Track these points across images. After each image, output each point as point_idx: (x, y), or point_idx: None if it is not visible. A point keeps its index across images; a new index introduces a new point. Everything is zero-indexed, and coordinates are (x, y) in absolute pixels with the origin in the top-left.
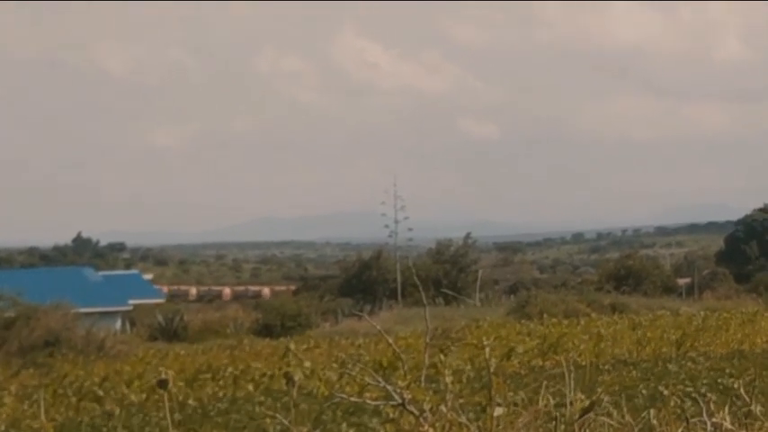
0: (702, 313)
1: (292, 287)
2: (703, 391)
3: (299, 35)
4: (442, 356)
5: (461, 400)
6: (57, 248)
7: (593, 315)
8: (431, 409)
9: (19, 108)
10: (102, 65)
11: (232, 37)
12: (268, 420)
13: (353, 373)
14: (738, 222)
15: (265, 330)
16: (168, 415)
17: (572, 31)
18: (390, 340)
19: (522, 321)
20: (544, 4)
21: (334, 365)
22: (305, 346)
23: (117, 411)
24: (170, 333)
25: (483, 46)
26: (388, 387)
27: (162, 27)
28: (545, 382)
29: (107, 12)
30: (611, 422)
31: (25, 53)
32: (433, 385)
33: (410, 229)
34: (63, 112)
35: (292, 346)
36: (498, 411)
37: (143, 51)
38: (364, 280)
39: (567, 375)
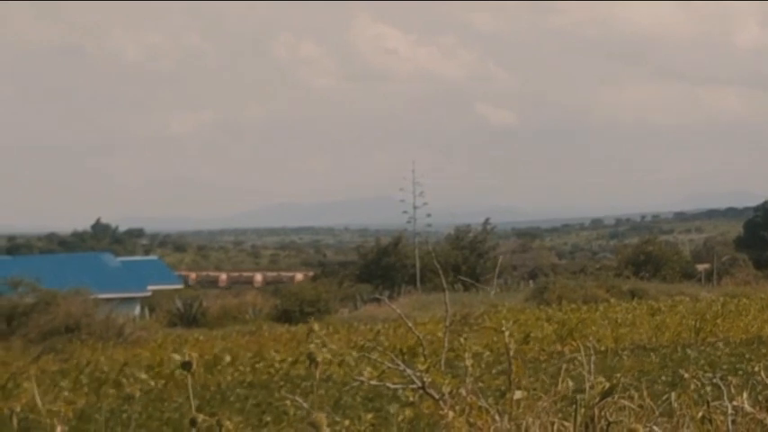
0: (721, 299)
1: (310, 273)
2: (724, 375)
3: (317, 21)
4: (461, 340)
5: (481, 384)
6: (76, 234)
7: (612, 301)
8: (450, 393)
9: (37, 95)
10: (119, 52)
11: (249, 23)
12: (288, 403)
13: (374, 358)
14: (757, 208)
15: (284, 316)
16: (191, 395)
17: (589, 18)
18: (410, 324)
19: (541, 307)
20: None
21: (353, 351)
22: (324, 332)
23: (137, 395)
24: (189, 319)
25: (500, 32)
26: (408, 371)
27: (178, 14)
28: (564, 366)
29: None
30: (632, 405)
31: (43, 41)
32: (452, 370)
33: (429, 215)
34: (81, 100)
35: (316, 327)
36: (518, 395)
37: (160, 38)
38: (383, 266)
39: (585, 359)
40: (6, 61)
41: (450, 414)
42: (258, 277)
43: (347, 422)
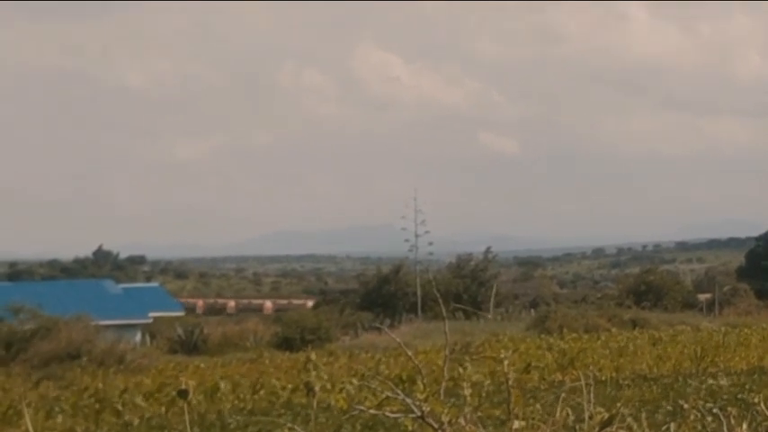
0: (723, 329)
1: (310, 302)
2: (724, 405)
3: (320, 49)
4: (461, 369)
5: (480, 413)
6: (77, 261)
7: (614, 330)
8: (449, 422)
9: (39, 120)
10: (123, 78)
11: (253, 51)
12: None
13: (373, 386)
14: (759, 238)
15: (285, 344)
16: (188, 427)
17: (593, 47)
18: (410, 353)
19: (542, 336)
20: (564, 19)
21: (354, 379)
22: (324, 360)
23: (135, 422)
24: (190, 346)
25: (504, 61)
26: (408, 400)
27: (182, 40)
28: (563, 395)
29: (128, 25)
30: None
31: (46, 66)
32: (452, 399)
33: (430, 243)
34: (84, 125)
35: (313, 356)
36: (517, 425)
37: (164, 64)
38: (384, 294)
39: (585, 389)
40: (8, 84)
41: None
42: (268, 304)
43: None
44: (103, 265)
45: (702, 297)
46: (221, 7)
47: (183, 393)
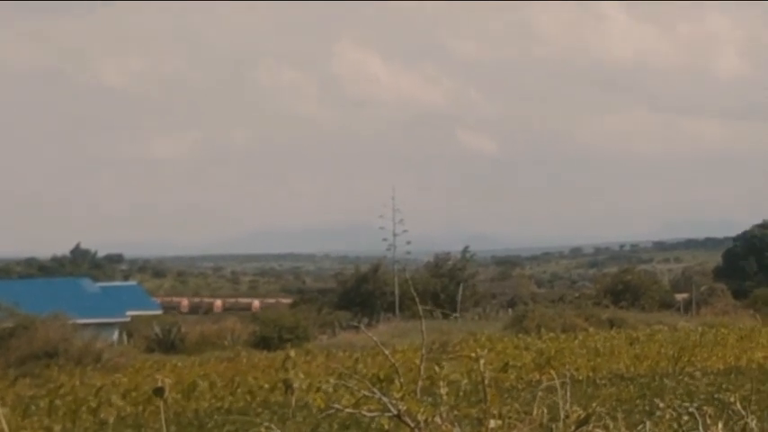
0: (700, 329)
1: (286, 300)
2: (700, 405)
3: (299, 47)
4: (438, 369)
5: (457, 412)
6: (55, 259)
7: (591, 330)
8: (426, 421)
9: (17, 119)
10: (100, 76)
11: (231, 49)
12: (264, 431)
13: (350, 385)
14: (737, 238)
15: (263, 343)
16: (164, 426)
17: (570, 46)
18: (387, 352)
19: (520, 335)
20: (543, 18)
21: (331, 378)
22: (302, 359)
23: (111, 420)
24: (167, 345)
25: (483, 60)
26: (384, 398)
27: (160, 38)
28: (540, 394)
29: (105, 23)
30: None
31: (23, 64)
32: (429, 398)
33: (408, 243)
34: (61, 123)
35: (293, 354)
36: (493, 424)
37: (141, 63)
38: (362, 293)
39: (560, 387)
40: None
41: None
42: (256, 304)
43: None
44: (81, 263)
45: (680, 297)
46: (200, 6)
47: (159, 391)
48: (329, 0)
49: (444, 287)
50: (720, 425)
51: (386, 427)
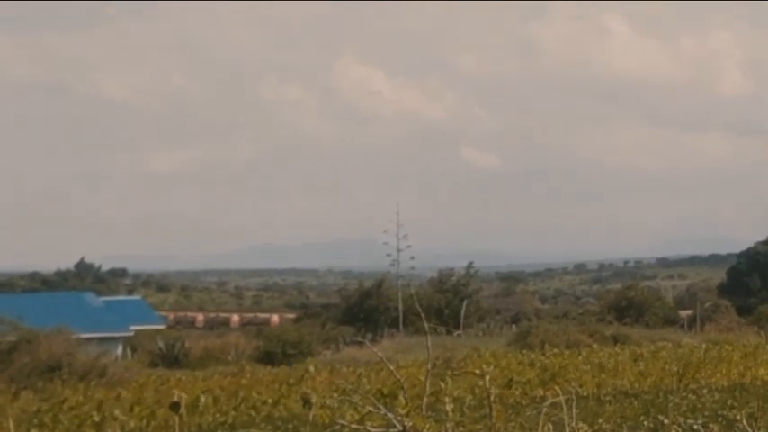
0: (704, 345)
1: (291, 315)
2: (705, 422)
3: (302, 62)
4: (443, 384)
5: (462, 428)
6: (59, 273)
7: (595, 346)
8: None
9: (20, 133)
10: (103, 90)
11: (235, 64)
12: None
13: (355, 401)
14: (741, 255)
15: (266, 358)
16: None
17: (575, 61)
18: (392, 368)
19: (524, 351)
20: (545, 33)
21: (335, 393)
22: (306, 374)
23: None
24: (171, 359)
25: (485, 75)
26: (389, 414)
27: (164, 52)
28: (545, 410)
29: (108, 37)
30: None
31: (26, 78)
32: (434, 414)
33: (412, 258)
34: (65, 137)
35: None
36: None
37: (145, 76)
38: (366, 308)
39: (565, 404)
40: None
41: None
42: (275, 319)
43: None
44: (85, 277)
45: (684, 313)
46: (204, 20)
47: (174, 406)
48: (333, 15)
49: (448, 303)
50: None
51: None
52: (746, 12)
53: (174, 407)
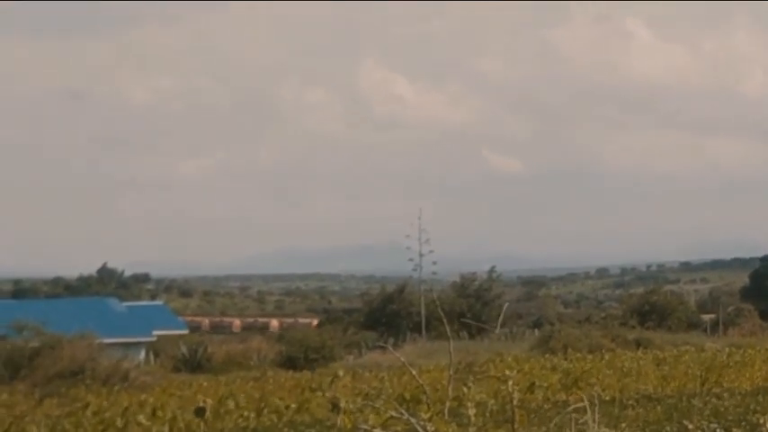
0: (727, 349)
1: (304, 320)
2: (729, 426)
3: (324, 66)
4: (465, 389)
5: None
6: (81, 279)
7: (618, 350)
8: None
9: (42, 138)
10: (125, 94)
11: (256, 68)
12: None
13: (377, 406)
14: (764, 258)
15: (289, 363)
16: None
17: (596, 65)
18: (414, 372)
19: (546, 356)
20: (568, 37)
21: (358, 398)
22: (329, 379)
23: None
24: (194, 364)
25: (508, 79)
26: (412, 419)
27: (185, 57)
28: (571, 416)
29: (130, 42)
30: None
31: (48, 83)
32: (456, 418)
33: (434, 263)
34: (87, 142)
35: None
36: None
37: (167, 81)
38: (388, 313)
39: (589, 409)
40: (11, 103)
41: None
42: (274, 323)
43: None
44: (108, 282)
45: (706, 317)
46: (224, 24)
47: (200, 411)
48: (354, 19)
49: (470, 307)
50: None
51: None
52: None
53: (200, 412)
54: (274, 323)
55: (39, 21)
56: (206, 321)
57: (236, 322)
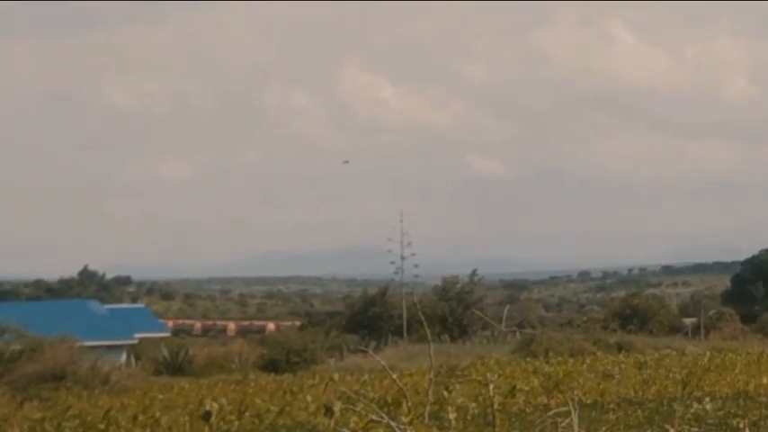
0: (708, 353)
1: (297, 323)
2: (709, 430)
3: (307, 70)
4: (446, 393)
5: None
6: (62, 281)
7: (599, 354)
8: None
9: (24, 139)
10: (108, 97)
11: (239, 71)
12: None
13: (358, 409)
14: (745, 262)
15: (270, 365)
16: None
17: (578, 69)
18: (395, 376)
19: (528, 359)
20: (551, 41)
21: (339, 402)
22: (309, 382)
23: None
24: (175, 367)
25: (490, 82)
26: (392, 423)
27: (169, 60)
28: (551, 420)
29: (114, 44)
30: None
31: (31, 85)
32: (437, 422)
33: (416, 266)
34: (69, 144)
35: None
36: None
37: (150, 83)
38: (370, 316)
39: (571, 413)
40: None
41: None
42: (271, 326)
43: None
44: (89, 285)
45: (688, 321)
46: (208, 28)
47: (206, 415)
48: (338, 22)
49: (452, 310)
50: None
51: None
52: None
53: (206, 416)
54: (271, 326)
55: (23, 22)
56: (197, 325)
57: (231, 326)
